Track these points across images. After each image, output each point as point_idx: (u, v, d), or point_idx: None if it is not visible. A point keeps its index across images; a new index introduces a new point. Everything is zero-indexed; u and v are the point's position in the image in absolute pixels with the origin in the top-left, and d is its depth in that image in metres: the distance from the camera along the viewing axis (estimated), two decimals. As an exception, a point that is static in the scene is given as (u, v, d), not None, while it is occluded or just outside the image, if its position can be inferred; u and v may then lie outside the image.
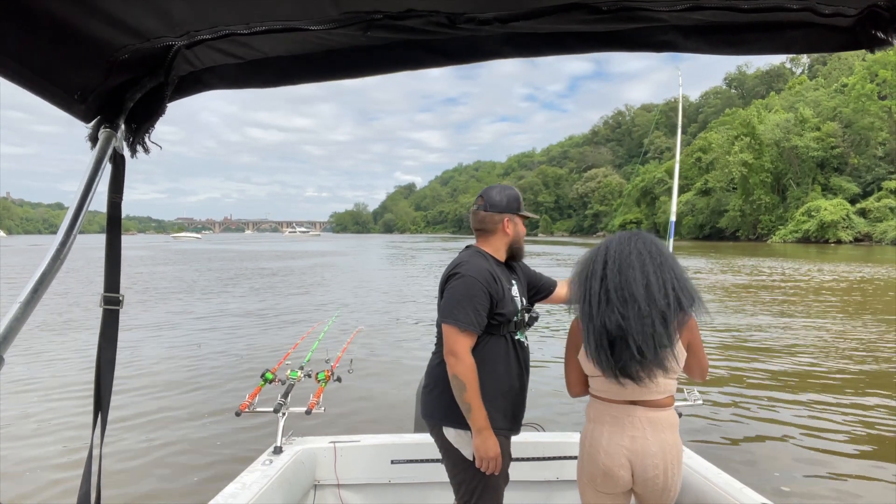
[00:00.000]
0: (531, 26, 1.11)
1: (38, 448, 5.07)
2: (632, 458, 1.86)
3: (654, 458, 1.84)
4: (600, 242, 1.95)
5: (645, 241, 1.87)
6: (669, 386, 1.90)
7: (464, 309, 1.98)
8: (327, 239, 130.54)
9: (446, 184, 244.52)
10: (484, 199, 2.20)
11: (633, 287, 1.76)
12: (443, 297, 2.08)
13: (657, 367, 1.80)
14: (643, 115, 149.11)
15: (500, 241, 2.21)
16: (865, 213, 58.48)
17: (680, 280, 1.82)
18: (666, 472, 1.85)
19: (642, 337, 1.75)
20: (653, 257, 1.82)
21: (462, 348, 1.97)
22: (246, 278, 23.43)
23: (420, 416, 2.26)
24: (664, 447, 1.85)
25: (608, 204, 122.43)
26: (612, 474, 1.88)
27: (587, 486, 1.98)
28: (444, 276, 2.13)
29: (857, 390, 6.76)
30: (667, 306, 1.76)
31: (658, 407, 1.89)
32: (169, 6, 1.01)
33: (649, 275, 1.77)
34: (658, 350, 1.76)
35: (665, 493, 1.88)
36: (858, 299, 15.16)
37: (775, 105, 76.70)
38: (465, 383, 1.94)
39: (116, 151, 1.17)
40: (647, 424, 1.86)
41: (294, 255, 45.58)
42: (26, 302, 0.96)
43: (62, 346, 9.52)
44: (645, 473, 1.85)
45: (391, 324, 11.47)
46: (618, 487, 1.91)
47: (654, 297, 1.75)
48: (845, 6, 1.08)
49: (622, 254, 1.82)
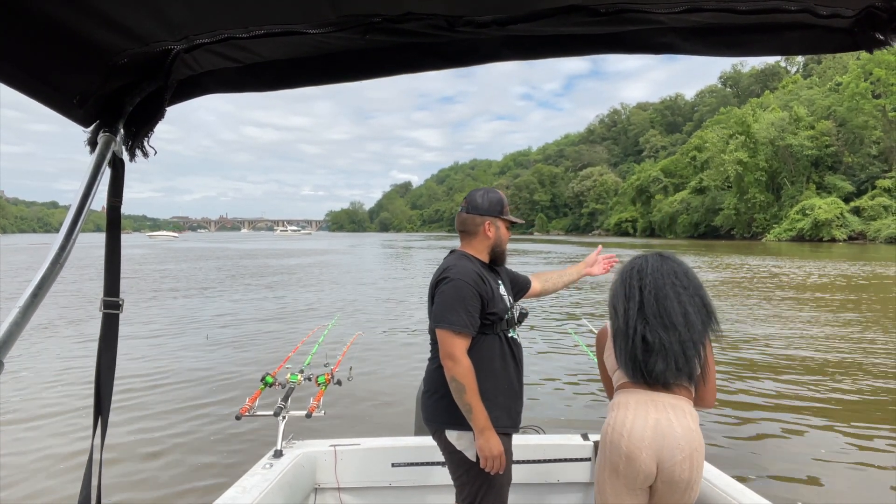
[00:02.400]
0: (530, 29, 1.11)
1: (38, 452, 5.05)
2: (656, 442, 1.83)
3: (679, 440, 1.82)
4: (630, 264, 2.03)
5: (676, 270, 1.96)
6: (691, 392, 1.97)
7: (456, 312, 2.00)
8: (319, 238, 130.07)
9: (442, 182, 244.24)
10: (467, 202, 2.24)
11: (672, 316, 1.87)
12: (433, 302, 2.10)
13: (685, 377, 1.90)
14: (639, 113, 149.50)
15: (481, 244, 2.23)
16: (859, 212, 58.69)
17: (709, 306, 1.94)
18: (692, 459, 1.83)
19: (682, 360, 1.87)
20: (686, 288, 1.92)
21: (459, 351, 1.98)
22: (219, 281, 23.35)
23: (422, 420, 2.27)
24: (688, 434, 1.84)
25: (604, 202, 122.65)
26: (634, 458, 1.84)
27: (607, 479, 1.94)
28: (433, 281, 2.14)
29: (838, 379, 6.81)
30: (703, 333, 1.89)
31: (679, 396, 1.91)
32: (168, 10, 1.01)
33: (686, 304, 1.89)
34: (693, 368, 1.89)
35: (688, 491, 1.85)
36: (829, 296, 15.25)
37: (770, 104, 76.89)
38: (464, 385, 1.95)
39: (116, 155, 1.17)
40: (671, 409, 1.87)
41: (277, 254, 45.44)
42: (26, 306, 0.96)
43: (62, 345, 9.49)
44: (673, 458, 1.82)
45: (390, 326, 11.45)
46: (640, 475, 1.86)
47: (692, 325, 1.88)
48: (843, 7, 1.08)
49: (657, 283, 1.92)
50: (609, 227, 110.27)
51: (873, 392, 6.64)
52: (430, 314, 2.14)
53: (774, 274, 22.33)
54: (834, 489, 4.31)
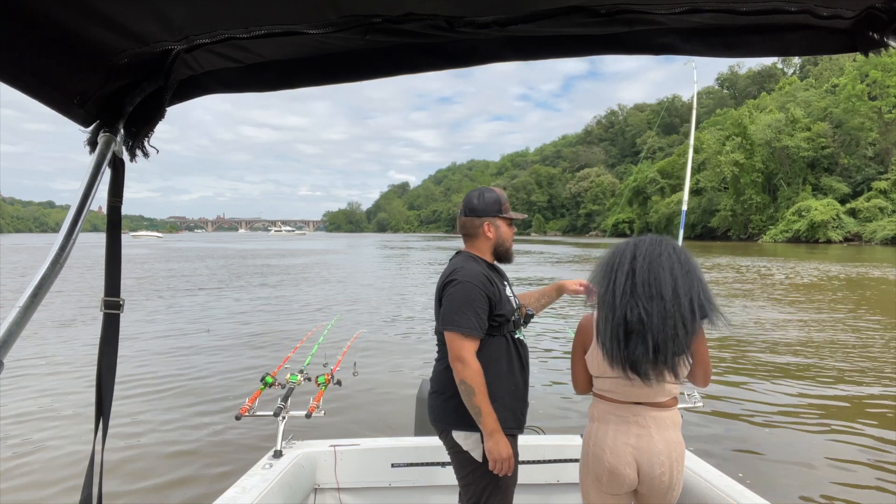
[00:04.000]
0: (530, 30, 1.11)
1: (39, 453, 5.03)
2: (638, 457, 1.88)
3: (660, 455, 1.86)
4: (626, 240, 1.93)
5: (675, 246, 1.86)
6: (674, 390, 1.94)
7: (465, 314, 2.00)
8: (316, 238, 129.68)
9: (440, 183, 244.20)
10: (464, 205, 2.24)
11: (661, 286, 1.76)
12: (441, 304, 2.10)
13: (668, 371, 1.81)
14: (636, 114, 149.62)
15: (484, 245, 2.23)
16: (855, 213, 58.90)
17: (705, 290, 1.82)
18: (672, 469, 1.88)
19: (662, 336, 1.75)
20: (681, 263, 1.81)
21: (468, 353, 1.99)
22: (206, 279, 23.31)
23: (422, 420, 2.27)
24: (669, 445, 1.88)
25: (601, 203, 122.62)
26: (617, 473, 1.89)
27: (591, 486, 1.98)
28: (441, 283, 2.14)
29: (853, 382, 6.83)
30: (690, 312, 1.76)
31: (662, 408, 1.92)
32: (168, 10, 1.00)
33: (678, 278, 1.77)
34: (674, 356, 1.78)
35: (669, 493, 1.90)
36: (817, 296, 15.31)
37: (767, 105, 77.10)
38: (473, 387, 1.96)
39: (116, 156, 1.17)
40: (652, 423, 1.89)
41: (279, 254, 45.37)
42: (25, 306, 0.96)
43: (63, 345, 9.46)
44: (652, 471, 1.87)
45: (391, 326, 11.43)
46: (623, 487, 1.91)
47: (680, 300, 1.75)
48: (843, 8, 1.07)
49: (653, 253, 1.81)
50: (606, 227, 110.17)
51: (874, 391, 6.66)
52: (437, 316, 2.14)
53: (764, 275, 22.41)
54: (836, 489, 4.32)
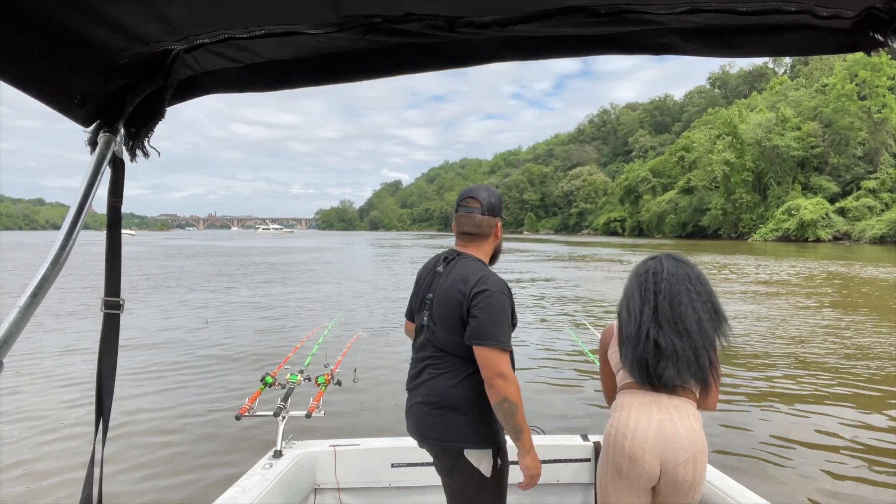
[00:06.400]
0: (530, 30, 1.11)
1: (39, 453, 5.00)
2: (660, 443, 1.83)
3: (683, 441, 1.83)
4: (643, 273, 1.99)
5: (689, 273, 1.95)
6: (695, 394, 1.97)
7: (503, 329, 1.91)
8: (303, 236, 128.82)
9: (433, 181, 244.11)
10: (480, 202, 2.06)
11: (687, 323, 1.87)
12: (470, 315, 1.92)
13: (697, 383, 1.91)
14: (628, 113, 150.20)
15: (489, 246, 2.12)
16: (844, 212, 59.48)
17: (719, 311, 1.93)
18: (696, 461, 1.83)
19: (695, 368, 1.86)
20: (699, 294, 1.91)
21: (509, 369, 1.90)
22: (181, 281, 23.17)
23: (424, 436, 2.10)
24: (692, 435, 1.84)
25: (593, 202, 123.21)
26: (638, 459, 1.84)
27: (610, 480, 1.93)
28: (467, 292, 1.93)
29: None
30: (714, 339, 1.90)
31: (684, 398, 1.92)
32: (168, 10, 1.00)
33: (700, 312, 1.89)
34: (706, 377, 1.89)
35: (691, 493, 1.85)
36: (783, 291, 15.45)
37: (758, 105, 77.64)
38: (516, 405, 1.89)
39: (116, 155, 1.17)
40: (675, 410, 1.88)
41: (268, 252, 45.18)
42: (25, 306, 0.96)
43: (63, 345, 9.39)
44: (676, 459, 1.82)
45: (391, 326, 11.38)
46: (643, 477, 1.86)
47: (705, 331, 1.88)
48: (843, 8, 1.07)
49: (672, 291, 1.90)
50: (598, 226, 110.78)
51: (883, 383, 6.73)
52: (448, 325, 1.98)
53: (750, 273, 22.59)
54: (836, 490, 4.32)
